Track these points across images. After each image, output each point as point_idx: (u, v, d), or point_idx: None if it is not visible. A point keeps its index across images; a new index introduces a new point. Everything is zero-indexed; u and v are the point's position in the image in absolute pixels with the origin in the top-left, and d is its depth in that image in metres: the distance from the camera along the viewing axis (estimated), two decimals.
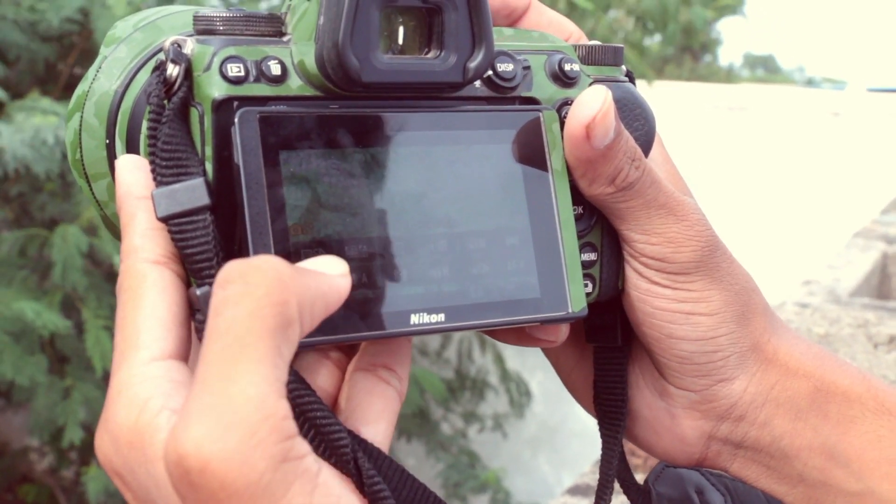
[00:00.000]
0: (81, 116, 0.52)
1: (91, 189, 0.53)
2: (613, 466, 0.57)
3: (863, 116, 5.51)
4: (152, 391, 0.42)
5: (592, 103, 0.49)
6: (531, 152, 0.50)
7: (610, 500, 0.57)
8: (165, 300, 0.44)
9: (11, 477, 3.30)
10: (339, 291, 0.42)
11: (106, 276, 2.63)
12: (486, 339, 3.41)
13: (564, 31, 0.55)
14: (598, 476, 0.58)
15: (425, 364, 3.36)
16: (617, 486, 0.59)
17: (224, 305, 0.39)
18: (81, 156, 0.52)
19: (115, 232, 0.53)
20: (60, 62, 2.96)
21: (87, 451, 3.01)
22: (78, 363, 2.55)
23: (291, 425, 0.38)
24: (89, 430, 2.62)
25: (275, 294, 0.39)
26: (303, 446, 0.39)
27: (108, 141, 0.51)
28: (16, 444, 3.41)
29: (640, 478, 1.27)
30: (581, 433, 3.62)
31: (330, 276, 0.42)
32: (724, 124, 5.71)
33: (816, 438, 0.53)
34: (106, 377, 2.62)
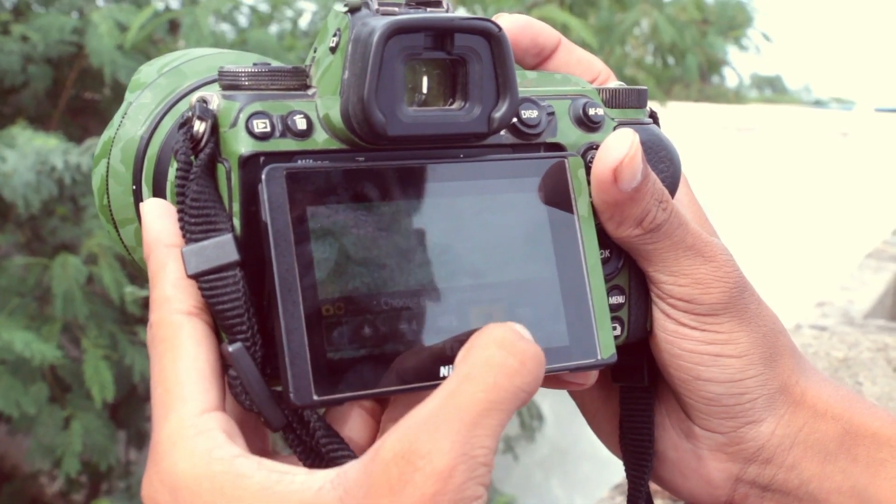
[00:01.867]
0: (108, 162, 0.52)
1: (119, 234, 0.53)
2: None
3: (871, 136, 5.51)
4: (211, 443, 0.43)
5: (620, 147, 0.49)
6: (557, 199, 0.50)
7: None
8: (203, 352, 0.44)
9: (21, 501, 3.29)
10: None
11: (106, 304, 2.63)
12: None
13: (593, 70, 0.55)
14: (615, 502, 0.57)
15: None
16: None
17: (497, 368, 0.43)
18: (109, 201, 0.53)
19: (144, 276, 0.53)
20: (59, 85, 2.98)
21: (96, 477, 3.01)
22: (79, 391, 2.55)
23: (490, 479, 0.42)
24: (88, 460, 2.62)
25: (533, 386, 0.43)
26: (487, 498, 0.42)
27: (134, 187, 0.51)
28: (26, 468, 3.41)
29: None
30: (592, 456, 3.60)
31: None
32: (734, 145, 5.70)
33: (846, 482, 0.53)
34: (105, 407, 2.61)
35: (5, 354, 2.33)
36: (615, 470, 0.59)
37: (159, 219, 0.46)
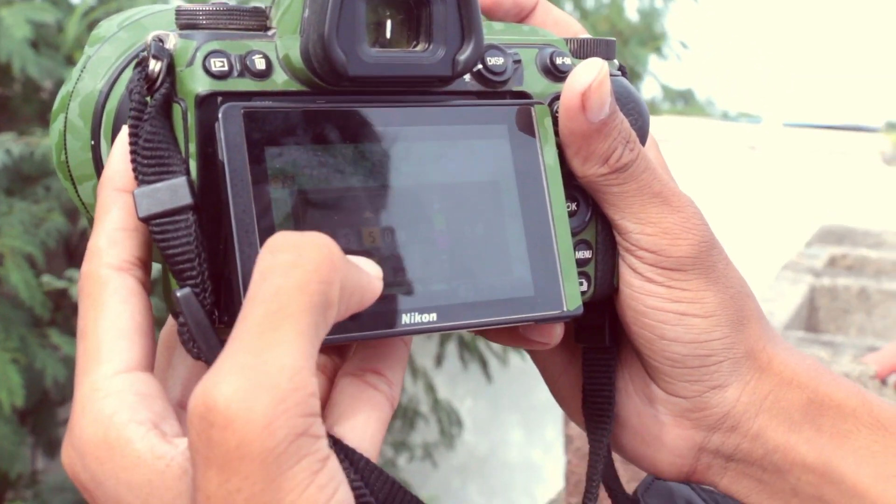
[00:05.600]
0: (66, 117, 0.51)
1: (76, 191, 0.52)
2: (599, 470, 0.55)
3: (779, 150, 5.65)
4: (116, 406, 0.42)
5: (588, 73, 0.49)
6: (523, 147, 0.49)
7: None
8: (128, 310, 0.43)
9: None
10: (373, 291, 0.42)
11: (15, 306, 2.55)
12: (417, 367, 3.40)
13: (570, 31, 0.55)
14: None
15: None
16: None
17: (272, 272, 0.38)
18: (66, 157, 0.51)
19: None
20: None
21: (4, 485, 2.91)
22: None
23: (316, 403, 0.38)
24: None
25: (323, 272, 0.39)
26: (321, 428, 0.39)
27: (93, 142, 0.50)
28: None
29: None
30: (510, 462, 3.62)
31: (368, 273, 0.42)
32: None
33: (810, 453, 0.52)
34: (14, 413, 2.54)
35: None
36: (533, 476, 0.58)
37: (122, 160, 0.44)
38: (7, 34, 2.54)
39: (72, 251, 2.85)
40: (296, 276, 0.38)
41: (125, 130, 0.44)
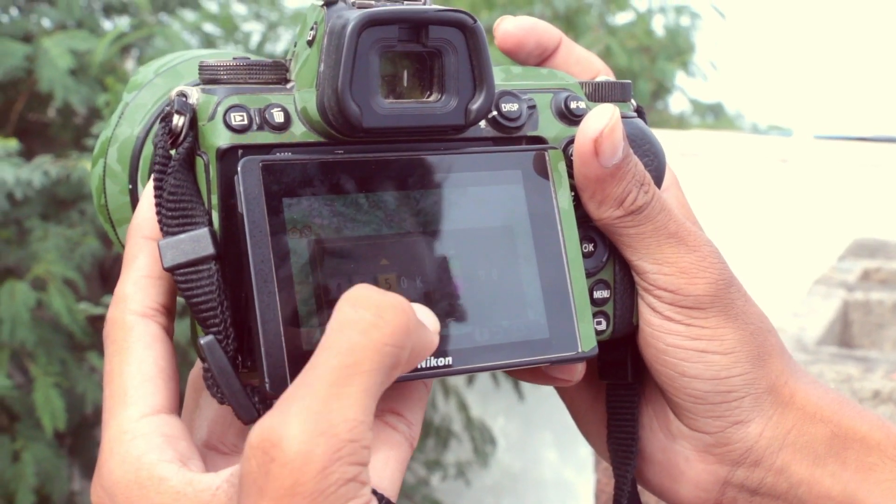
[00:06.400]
0: (105, 162, 0.53)
1: (116, 234, 0.54)
2: None
3: (811, 163, 5.61)
4: (144, 447, 0.43)
5: (600, 119, 0.50)
6: (537, 192, 0.50)
7: None
8: (152, 355, 0.45)
9: None
10: (431, 349, 0.44)
11: (56, 330, 2.58)
12: (450, 385, 3.40)
13: (592, 69, 0.56)
14: None
15: None
16: None
17: (350, 326, 0.41)
18: (106, 201, 0.53)
19: None
20: (8, 108, 2.93)
21: None
22: (29, 421, 2.50)
23: (368, 454, 0.40)
24: (41, 492, 2.56)
25: (399, 337, 0.41)
26: (368, 475, 0.41)
27: (130, 186, 0.52)
28: None
29: None
30: (543, 481, 3.61)
31: (431, 331, 0.44)
32: (678, 170, 5.77)
33: (835, 486, 0.52)
34: (57, 436, 2.56)
35: None
36: (566, 494, 0.59)
37: (150, 207, 0.46)
38: (52, 64, 2.58)
39: (105, 274, 2.89)
40: (374, 337, 0.40)
41: (150, 186, 0.46)
